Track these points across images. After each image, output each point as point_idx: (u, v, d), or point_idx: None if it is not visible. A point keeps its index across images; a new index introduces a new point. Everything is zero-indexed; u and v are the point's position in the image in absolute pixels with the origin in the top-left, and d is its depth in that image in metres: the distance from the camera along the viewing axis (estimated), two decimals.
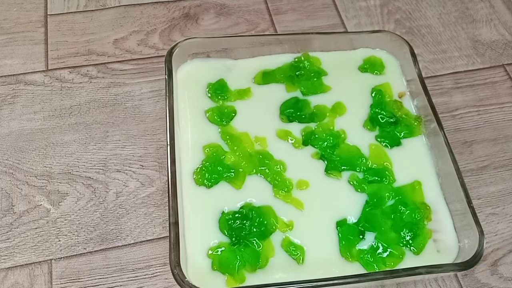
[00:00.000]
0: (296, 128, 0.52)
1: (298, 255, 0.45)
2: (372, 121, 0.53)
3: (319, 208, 0.48)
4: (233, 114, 0.53)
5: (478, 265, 0.46)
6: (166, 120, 0.48)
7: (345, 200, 0.49)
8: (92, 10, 0.67)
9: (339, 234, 0.46)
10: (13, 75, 0.61)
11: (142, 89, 0.60)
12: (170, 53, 0.52)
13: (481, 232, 0.44)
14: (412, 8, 0.71)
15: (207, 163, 0.49)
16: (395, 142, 0.52)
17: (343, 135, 0.52)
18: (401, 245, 0.46)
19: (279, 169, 0.49)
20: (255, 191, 0.48)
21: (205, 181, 0.48)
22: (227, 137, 0.51)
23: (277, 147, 0.51)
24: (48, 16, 0.66)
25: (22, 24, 0.65)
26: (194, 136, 0.51)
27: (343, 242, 0.46)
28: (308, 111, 0.54)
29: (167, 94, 0.50)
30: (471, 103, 0.62)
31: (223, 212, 0.47)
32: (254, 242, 0.45)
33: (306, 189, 0.49)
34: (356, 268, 0.45)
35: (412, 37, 0.67)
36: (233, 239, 0.45)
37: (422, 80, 0.53)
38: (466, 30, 0.69)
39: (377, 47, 0.58)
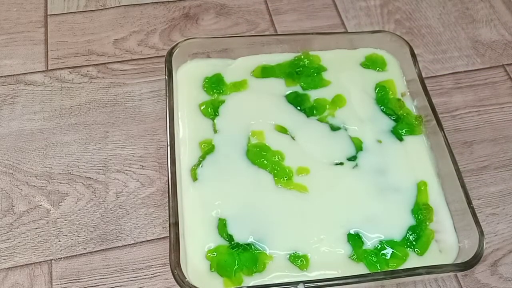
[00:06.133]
0: (294, 124, 0.52)
1: (302, 263, 0.45)
2: None
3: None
4: None
5: (478, 265, 0.46)
6: (166, 120, 0.48)
7: None
8: (92, 10, 0.67)
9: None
10: (13, 75, 0.61)
11: (142, 89, 0.60)
12: (170, 53, 0.53)
13: (481, 233, 0.44)
14: (412, 8, 0.71)
15: (204, 160, 0.49)
16: (397, 139, 0.52)
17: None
18: (405, 246, 0.46)
19: (277, 159, 0.49)
20: (256, 182, 0.48)
21: None
22: None
23: (274, 140, 0.51)
24: (48, 16, 0.66)
25: (22, 24, 0.65)
26: (190, 131, 0.51)
27: (352, 243, 0.46)
28: (308, 105, 0.54)
29: (167, 94, 0.50)
30: (471, 103, 0.62)
31: (219, 218, 0.46)
32: (253, 246, 0.45)
33: (307, 175, 0.49)
34: (359, 269, 0.45)
35: (412, 37, 0.67)
36: (232, 242, 0.45)
37: (422, 80, 0.53)
38: (466, 30, 0.69)
39: (377, 47, 0.58)
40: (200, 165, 0.49)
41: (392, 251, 0.46)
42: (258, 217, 0.47)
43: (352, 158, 0.51)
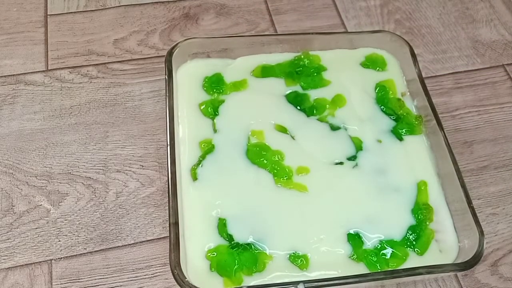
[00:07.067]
0: (294, 124, 0.52)
1: (302, 263, 0.45)
2: None
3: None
4: None
5: (478, 265, 0.46)
6: (166, 120, 0.48)
7: None
8: (92, 10, 0.67)
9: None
10: (13, 75, 0.61)
11: (142, 89, 0.60)
12: (170, 53, 0.53)
13: (481, 232, 0.44)
14: (412, 8, 0.71)
15: (204, 159, 0.49)
16: (397, 138, 0.52)
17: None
18: (405, 246, 0.46)
19: (277, 159, 0.49)
20: (255, 182, 0.48)
21: None
22: None
23: (274, 139, 0.51)
24: (48, 16, 0.66)
25: (22, 24, 0.65)
26: (190, 131, 0.51)
27: (352, 243, 0.46)
28: (308, 105, 0.54)
29: (167, 94, 0.50)
30: (471, 103, 0.62)
31: (219, 218, 0.46)
32: (253, 246, 0.45)
33: (307, 174, 0.49)
34: (359, 269, 0.45)
35: (412, 37, 0.67)
36: (232, 242, 0.45)
37: (422, 80, 0.53)
38: (466, 30, 0.69)
39: (377, 47, 0.58)
40: (200, 165, 0.49)
41: (392, 251, 0.46)
42: (258, 217, 0.47)
43: (352, 158, 0.51)
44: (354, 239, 0.46)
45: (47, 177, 0.53)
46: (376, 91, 0.55)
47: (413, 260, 0.45)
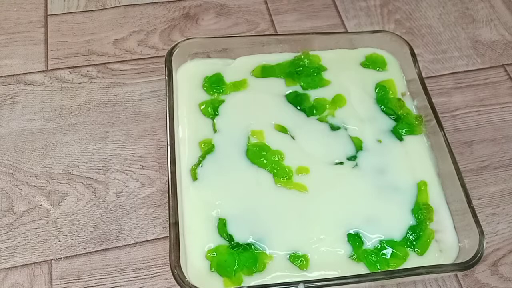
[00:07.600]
0: (294, 124, 0.52)
1: (302, 263, 0.45)
2: None
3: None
4: None
5: (478, 265, 0.46)
6: (166, 120, 0.48)
7: None
8: (92, 10, 0.67)
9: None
10: (13, 75, 0.61)
11: (142, 89, 0.60)
12: (170, 53, 0.53)
13: (481, 232, 0.44)
14: (412, 8, 0.71)
15: (204, 159, 0.49)
16: (397, 138, 0.52)
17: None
18: (405, 246, 0.46)
19: (277, 159, 0.49)
20: (255, 182, 0.48)
21: None
22: None
23: (274, 139, 0.51)
24: (48, 16, 0.66)
25: (22, 24, 0.65)
26: (190, 131, 0.51)
27: (352, 243, 0.46)
28: (307, 105, 0.54)
29: (167, 94, 0.50)
30: (471, 103, 0.62)
31: (219, 218, 0.46)
32: (253, 246, 0.45)
33: (307, 174, 0.49)
34: (359, 269, 0.45)
35: (412, 37, 0.67)
36: (232, 242, 0.45)
37: (422, 80, 0.53)
38: (466, 30, 0.69)
39: (377, 47, 0.58)
40: (200, 165, 0.49)
41: (392, 251, 0.46)
42: (258, 216, 0.47)
43: (352, 158, 0.51)
44: (354, 239, 0.46)
45: (47, 177, 0.53)
46: (376, 91, 0.55)
47: (413, 260, 0.45)
